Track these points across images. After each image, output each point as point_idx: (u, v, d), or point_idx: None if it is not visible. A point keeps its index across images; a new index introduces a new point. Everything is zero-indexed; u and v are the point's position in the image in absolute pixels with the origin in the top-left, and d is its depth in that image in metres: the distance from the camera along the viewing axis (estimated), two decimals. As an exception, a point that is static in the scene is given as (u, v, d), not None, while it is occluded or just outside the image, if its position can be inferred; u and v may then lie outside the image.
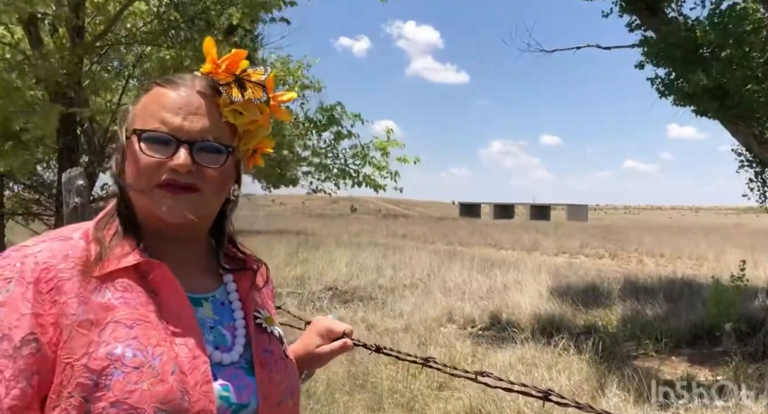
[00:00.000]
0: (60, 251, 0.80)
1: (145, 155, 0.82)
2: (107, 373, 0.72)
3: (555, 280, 10.26)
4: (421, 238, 25.33)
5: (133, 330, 0.77)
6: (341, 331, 1.15)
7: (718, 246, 19.28)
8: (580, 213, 66.17)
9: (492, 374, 1.16)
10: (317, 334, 1.16)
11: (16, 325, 0.72)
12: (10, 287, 0.74)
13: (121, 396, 0.72)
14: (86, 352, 0.73)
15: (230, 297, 0.94)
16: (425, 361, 1.24)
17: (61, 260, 0.78)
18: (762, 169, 6.85)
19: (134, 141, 0.84)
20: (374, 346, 1.33)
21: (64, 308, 0.75)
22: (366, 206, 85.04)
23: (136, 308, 0.79)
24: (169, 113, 0.84)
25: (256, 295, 1.00)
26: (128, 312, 0.78)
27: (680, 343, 6.47)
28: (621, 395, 4.37)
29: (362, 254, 13.82)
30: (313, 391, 4.36)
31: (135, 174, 0.84)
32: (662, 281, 10.38)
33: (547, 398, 1.01)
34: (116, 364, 0.73)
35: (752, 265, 8.89)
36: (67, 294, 0.76)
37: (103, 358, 0.73)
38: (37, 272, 0.76)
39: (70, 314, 0.75)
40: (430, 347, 5.91)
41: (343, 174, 7.05)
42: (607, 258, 18.12)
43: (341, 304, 8.52)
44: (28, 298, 0.74)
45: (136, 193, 0.85)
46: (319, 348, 1.14)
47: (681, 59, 5.85)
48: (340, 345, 1.14)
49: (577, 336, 6.38)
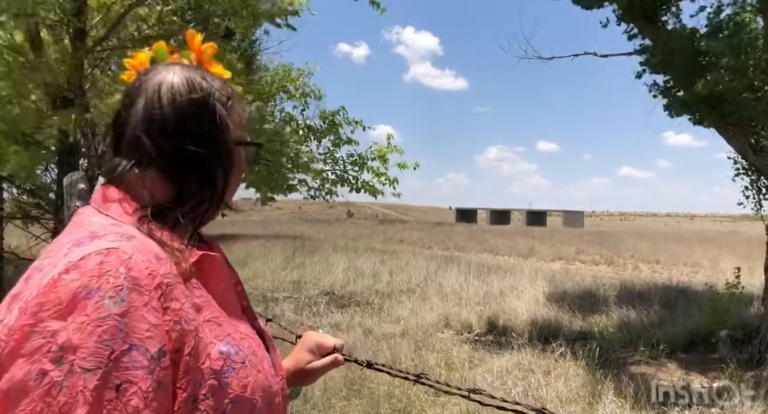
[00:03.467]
0: (149, 252, 0.73)
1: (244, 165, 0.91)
2: (224, 372, 0.74)
3: (551, 286, 10.29)
4: (418, 243, 25.33)
5: (223, 327, 0.78)
6: (332, 345, 1.15)
7: (713, 253, 19.36)
8: (576, 219, 66.30)
9: (484, 391, 1.17)
10: (307, 349, 1.15)
11: (149, 336, 0.68)
12: (123, 295, 0.67)
13: (239, 391, 0.75)
14: (206, 354, 0.73)
15: None
16: (417, 377, 1.24)
17: (157, 263, 0.73)
18: (757, 178, 6.89)
19: (241, 150, 0.90)
20: (365, 361, 1.33)
21: (182, 315, 0.72)
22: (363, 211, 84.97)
23: (213, 305, 0.79)
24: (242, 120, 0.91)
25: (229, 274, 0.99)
26: (211, 310, 0.78)
27: (676, 350, 6.50)
28: (617, 402, 4.38)
29: (359, 259, 13.83)
30: (309, 396, 4.36)
31: (236, 183, 0.90)
32: (658, 288, 10.41)
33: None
34: (228, 361, 0.75)
35: (747, 273, 8.91)
36: (179, 300, 0.72)
37: (218, 359, 0.74)
38: (150, 278, 0.71)
39: (191, 320, 0.73)
40: (428, 353, 5.92)
41: (341, 180, 7.05)
42: (603, 264, 18.16)
43: (338, 309, 8.52)
44: (155, 307, 0.69)
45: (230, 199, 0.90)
46: (309, 364, 1.13)
47: (680, 67, 5.90)
48: (330, 360, 1.14)
49: (573, 342, 6.40)
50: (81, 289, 0.66)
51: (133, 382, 0.65)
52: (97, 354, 0.64)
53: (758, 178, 6.86)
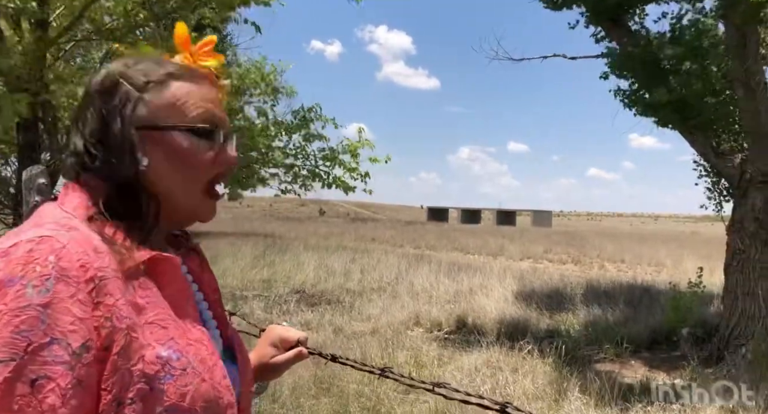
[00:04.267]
0: (86, 244, 0.70)
1: (200, 151, 0.80)
2: (159, 377, 0.69)
3: (520, 284, 10.42)
4: (390, 241, 25.38)
5: (168, 330, 0.72)
6: (296, 339, 1.13)
7: (676, 253, 19.87)
8: (544, 219, 67.34)
9: (449, 385, 1.17)
10: (270, 344, 1.14)
11: (72, 330, 0.64)
12: (49, 285, 0.64)
13: (176, 399, 0.69)
14: (140, 356, 0.68)
15: None
16: (382, 371, 1.24)
17: (94, 256, 0.69)
18: (718, 180, 7.10)
19: (177, 137, 0.79)
20: (329, 355, 1.32)
21: (115, 311, 0.68)
22: (335, 209, 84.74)
23: (160, 307, 0.74)
24: (211, 105, 0.82)
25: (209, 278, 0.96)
26: (157, 312, 0.73)
27: (640, 348, 6.65)
28: (582, 399, 4.46)
29: (330, 257, 13.77)
30: (278, 396, 4.32)
31: (185, 172, 0.80)
32: (623, 287, 10.64)
33: (504, 410, 1.02)
34: (166, 367, 0.69)
35: (708, 272, 9.17)
36: (113, 295, 0.68)
37: (154, 362, 0.69)
38: (81, 270, 0.67)
39: (124, 318, 0.68)
40: (397, 351, 5.93)
41: (313, 175, 7.02)
42: (570, 263, 18.48)
43: (308, 307, 8.47)
44: (82, 300, 0.66)
45: (183, 191, 0.81)
46: (273, 358, 1.12)
47: (643, 71, 6.04)
48: (294, 354, 1.13)
49: (540, 340, 6.49)
50: (4, 277, 0.63)
51: (51, 378, 0.62)
52: (12, 345, 0.60)
53: (719, 180, 7.07)
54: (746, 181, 6.16)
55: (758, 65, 5.51)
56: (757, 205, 6.04)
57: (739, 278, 6.17)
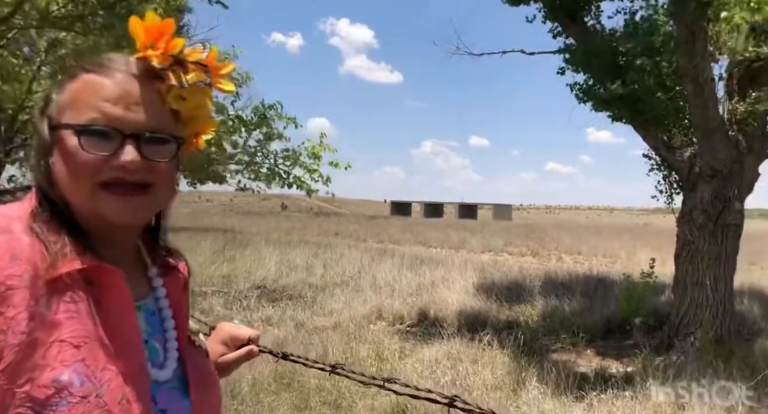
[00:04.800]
0: (5, 250, 0.66)
1: (85, 152, 0.73)
2: (51, 403, 0.63)
3: (481, 277, 10.56)
4: (353, 236, 25.34)
5: (81, 350, 0.67)
6: (246, 337, 1.11)
7: (630, 245, 20.49)
8: (505, 212, 68.41)
9: (399, 380, 1.17)
10: (220, 342, 1.11)
11: None
12: None
13: None
14: (30, 377, 0.62)
15: (160, 304, 0.86)
16: (333, 368, 1.24)
17: (9, 263, 0.65)
18: (669, 173, 7.34)
19: (67, 136, 0.74)
20: (280, 353, 1.30)
21: (12, 325, 0.63)
22: (297, 204, 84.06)
23: (83, 324, 0.69)
24: (108, 103, 0.74)
25: (186, 302, 0.92)
26: (74, 329, 0.67)
27: (595, 337, 6.83)
28: (540, 388, 4.55)
29: (292, 252, 13.66)
30: (237, 392, 4.27)
31: (71, 173, 0.74)
32: (579, 278, 10.91)
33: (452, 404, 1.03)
34: (62, 393, 0.64)
35: (660, 263, 9.49)
36: (16, 307, 0.63)
37: (48, 386, 0.63)
38: None
39: (19, 333, 0.63)
40: (359, 345, 5.93)
41: (273, 174, 6.92)
42: (529, 256, 18.83)
43: (269, 303, 8.38)
44: None
45: (73, 192, 0.75)
46: (222, 357, 1.09)
47: (599, 67, 6.18)
48: (245, 352, 1.10)
49: (500, 331, 6.60)
50: None
51: None
52: None
53: (670, 173, 7.30)
54: (695, 175, 6.38)
55: (706, 62, 5.71)
56: (705, 197, 6.26)
57: (689, 268, 6.40)
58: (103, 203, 0.74)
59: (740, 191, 6.36)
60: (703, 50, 5.60)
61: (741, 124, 6.25)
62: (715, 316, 6.19)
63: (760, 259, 16.57)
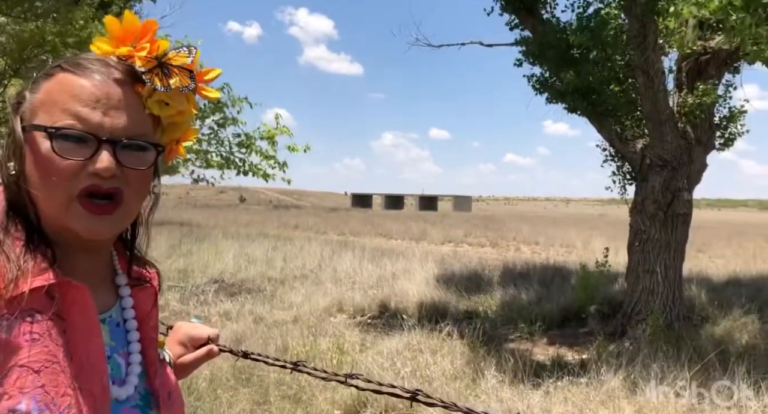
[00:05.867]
0: None
1: (60, 157, 0.68)
2: None
3: (441, 268, 10.65)
4: (313, 228, 25.18)
5: (41, 376, 0.63)
6: (206, 336, 1.07)
7: (585, 235, 21.04)
8: (464, 204, 69.22)
9: (361, 376, 1.15)
10: (178, 342, 1.07)
11: None
12: None
13: None
14: None
15: (125, 315, 0.81)
16: (295, 365, 1.21)
17: None
18: (622, 164, 7.53)
19: (40, 139, 0.70)
20: (241, 351, 1.27)
21: None
22: (256, 197, 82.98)
23: (45, 346, 0.64)
24: (86, 107, 0.70)
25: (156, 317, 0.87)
26: (36, 352, 0.64)
27: (552, 325, 6.97)
28: (498, 376, 4.61)
29: (251, 246, 13.46)
30: (194, 388, 4.17)
31: (44, 179, 0.70)
32: (537, 268, 11.13)
33: (415, 398, 1.02)
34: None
35: (614, 252, 9.78)
36: None
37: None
38: None
39: None
40: (320, 338, 5.89)
41: (227, 162, 6.74)
42: (488, 246, 19.11)
43: (228, 297, 8.23)
44: None
45: (47, 200, 0.71)
46: (181, 359, 1.05)
47: (554, 59, 6.27)
48: (204, 353, 1.07)
49: (460, 322, 6.66)
50: None
51: None
52: None
53: (623, 164, 7.49)
54: (646, 166, 6.56)
55: (657, 55, 5.86)
56: (656, 188, 6.45)
57: (641, 257, 6.60)
58: (75, 217, 0.71)
59: (689, 181, 6.59)
60: (654, 43, 5.75)
61: (690, 116, 6.45)
62: (665, 303, 6.41)
63: (708, 248, 17.28)
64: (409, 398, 1.02)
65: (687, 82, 6.69)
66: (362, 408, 4.06)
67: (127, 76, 0.74)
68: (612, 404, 4.08)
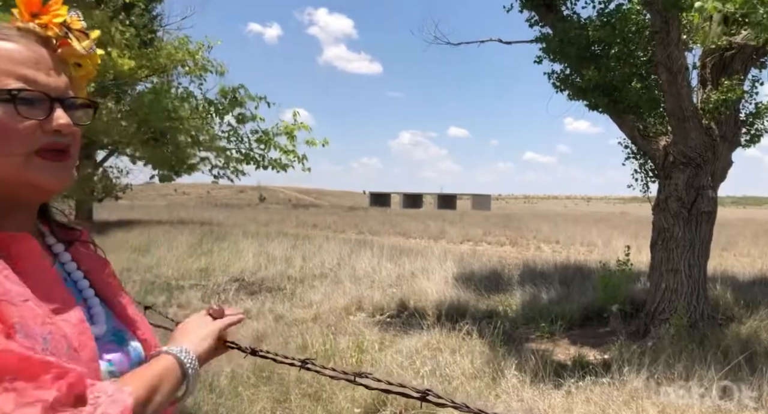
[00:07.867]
0: None
1: (19, 117, 0.72)
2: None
3: (460, 267, 10.59)
4: (332, 227, 25.27)
5: (19, 308, 0.66)
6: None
7: (606, 233, 20.78)
8: (483, 202, 68.85)
9: (371, 375, 1.15)
10: None
11: None
12: None
13: None
14: None
15: (68, 268, 0.85)
16: (303, 363, 1.21)
17: None
18: (644, 161, 7.41)
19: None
20: (249, 348, 1.27)
21: None
22: (275, 196, 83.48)
23: (16, 285, 0.68)
24: (30, 69, 0.74)
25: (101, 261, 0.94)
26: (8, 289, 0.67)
27: (573, 325, 6.90)
28: (519, 376, 4.58)
29: (271, 244, 13.54)
30: (215, 385, 4.22)
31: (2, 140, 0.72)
32: (557, 267, 11.02)
33: (425, 398, 1.01)
34: None
35: (636, 251, 9.64)
36: None
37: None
38: None
39: None
40: (339, 336, 5.91)
41: (246, 158, 6.79)
42: (507, 245, 18.97)
43: (248, 295, 8.31)
44: None
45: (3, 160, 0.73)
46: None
47: (575, 56, 6.19)
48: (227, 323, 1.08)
49: (479, 321, 6.62)
50: None
51: None
52: None
53: (645, 161, 7.38)
54: (670, 163, 6.45)
55: (680, 51, 5.76)
56: (679, 185, 6.34)
57: (664, 256, 6.49)
58: (38, 170, 0.74)
59: (713, 179, 6.46)
60: (677, 39, 5.65)
61: (714, 113, 6.33)
62: (689, 302, 6.30)
63: (733, 246, 16.95)
64: (419, 398, 1.02)
65: (711, 78, 6.57)
66: (382, 406, 4.06)
67: (45, 40, 0.78)
68: (635, 405, 4.03)
